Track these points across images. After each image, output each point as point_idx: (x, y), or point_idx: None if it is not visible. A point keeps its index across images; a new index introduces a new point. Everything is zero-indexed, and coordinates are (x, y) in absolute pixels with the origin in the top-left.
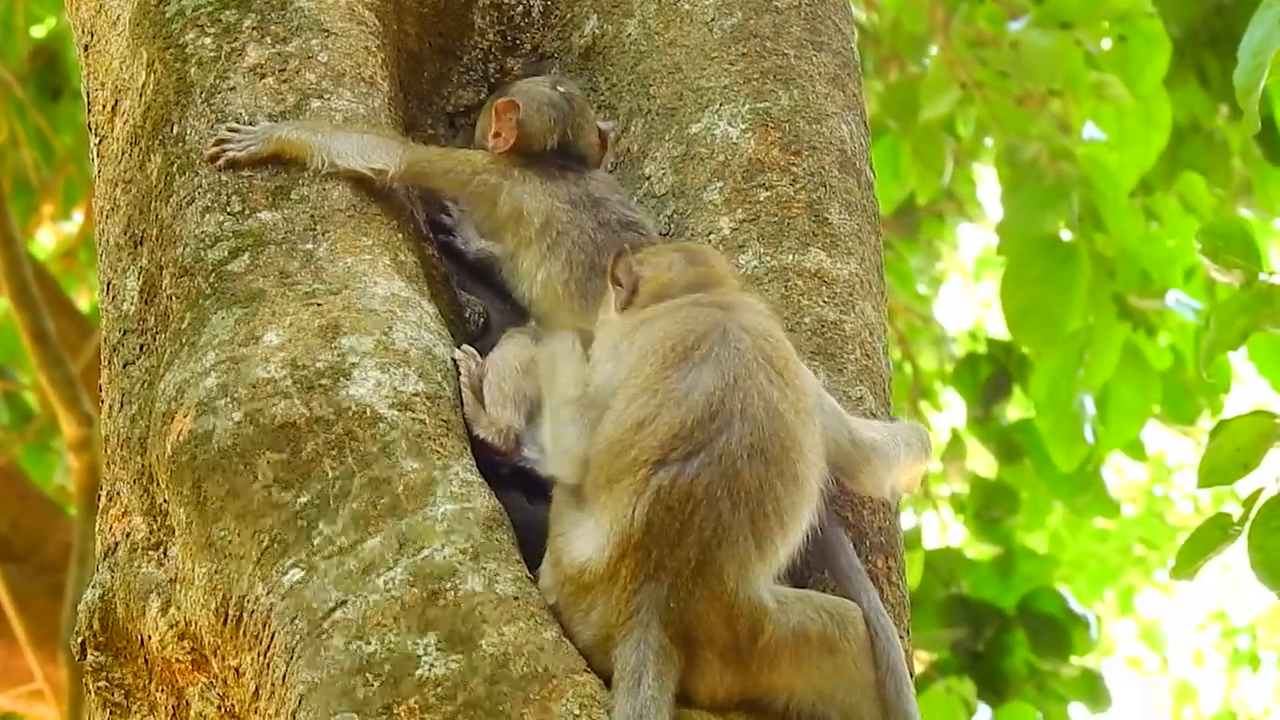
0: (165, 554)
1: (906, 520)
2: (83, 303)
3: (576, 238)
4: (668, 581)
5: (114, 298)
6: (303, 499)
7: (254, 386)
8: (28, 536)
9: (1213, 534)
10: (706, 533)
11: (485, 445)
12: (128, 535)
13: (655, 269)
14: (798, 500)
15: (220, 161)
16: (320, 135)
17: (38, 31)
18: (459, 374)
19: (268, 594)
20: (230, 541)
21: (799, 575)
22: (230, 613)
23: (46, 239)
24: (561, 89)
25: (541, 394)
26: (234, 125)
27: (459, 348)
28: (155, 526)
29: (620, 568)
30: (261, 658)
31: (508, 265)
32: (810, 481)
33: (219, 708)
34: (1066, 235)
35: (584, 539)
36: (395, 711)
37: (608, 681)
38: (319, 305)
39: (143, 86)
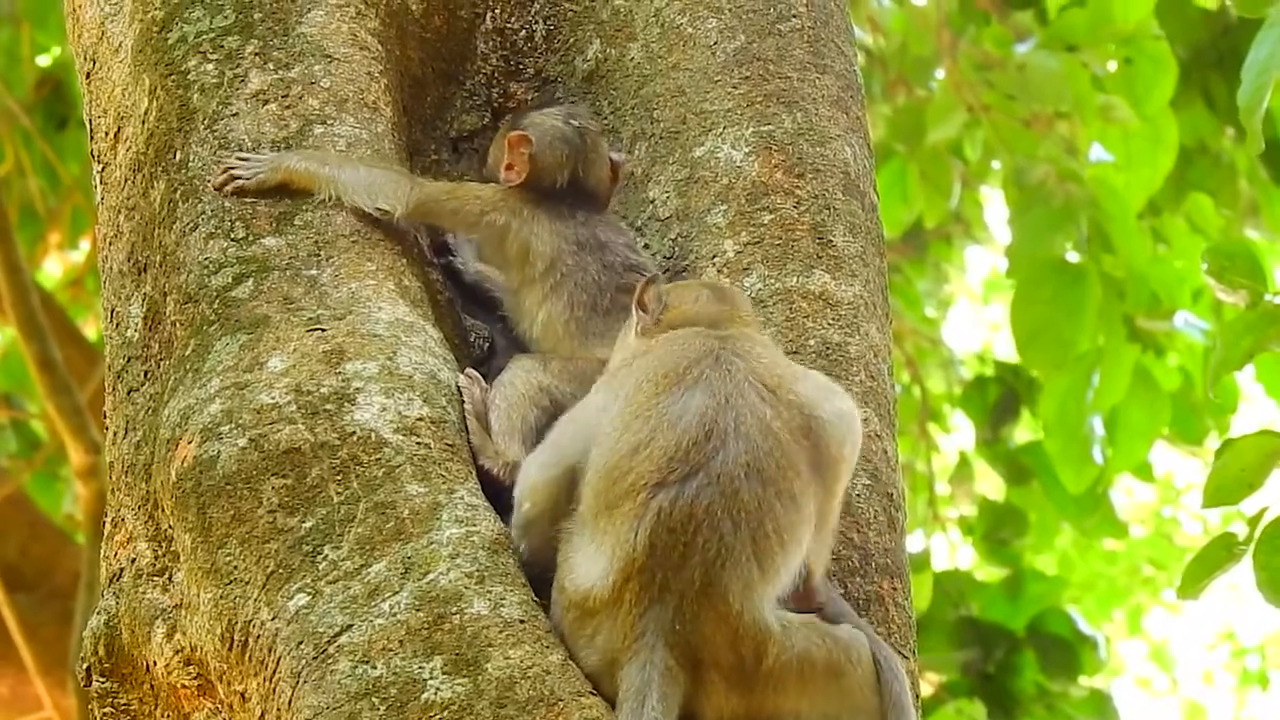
0: (170, 580)
1: (915, 542)
2: (90, 331)
3: (580, 279)
4: (673, 603)
5: (118, 324)
6: (308, 524)
7: (258, 412)
8: (36, 564)
9: (1218, 554)
10: (710, 553)
11: (489, 475)
12: (133, 561)
13: (681, 300)
14: (796, 520)
15: (228, 189)
16: (329, 167)
17: (43, 60)
18: (463, 400)
19: (273, 619)
20: (235, 567)
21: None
22: (236, 638)
23: (53, 268)
24: (575, 122)
25: (546, 423)
26: (243, 154)
27: (463, 372)
28: (160, 552)
29: (624, 592)
30: (267, 683)
31: (510, 300)
32: (807, 502)
33: None
34: (1074, 257)
35: (585, 565)
36: None
37: (615, 706)
38: (323, 331)
39: (145, 113)
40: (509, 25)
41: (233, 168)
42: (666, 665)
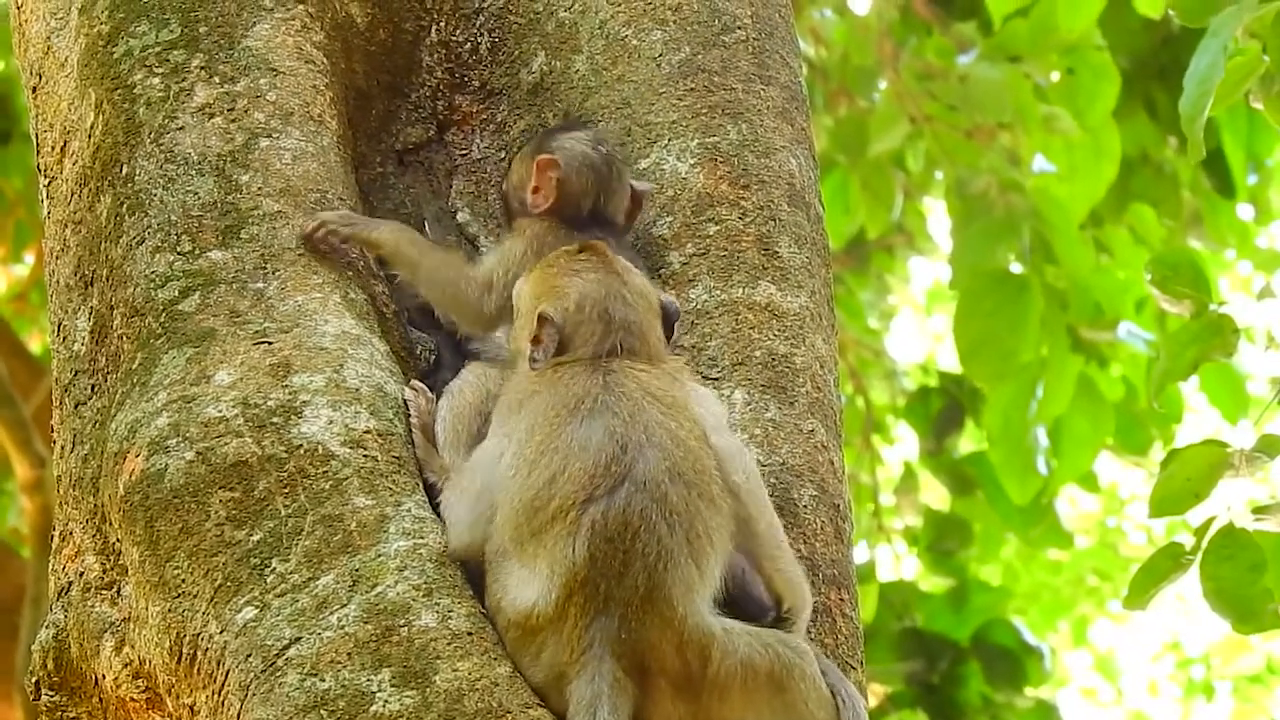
0: (119, 593)
1: (860, 553)
2: (34, 345)
3: None
4: (618, 613)
5: (65, 338)
6: (255, 537)
7: (206, 425)
8: None
9: (1165, 564)
10: (650, 557)
11: (435, 489)
12: (81, 575)
13: (575, 335)
14: (720, 522)
15: (320, 233)
16: (417, 250)
17: None
18: (409, 413)
19: (221, 632)
20: (183, 580)
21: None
22: (184, 651)
23: None
24: (603, 149)
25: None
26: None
27: (409, 384)
28: (108, 566)
29: (568, 607)
30: (216, 696)
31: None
32: (724, 505)
33: None
34: (1017, 268)
35: (521, 587)
36: None
37: None
38: (270, 344)
39: (91, 127)
40: (454, 38)
41: (327, 220)
42: (615, 676)
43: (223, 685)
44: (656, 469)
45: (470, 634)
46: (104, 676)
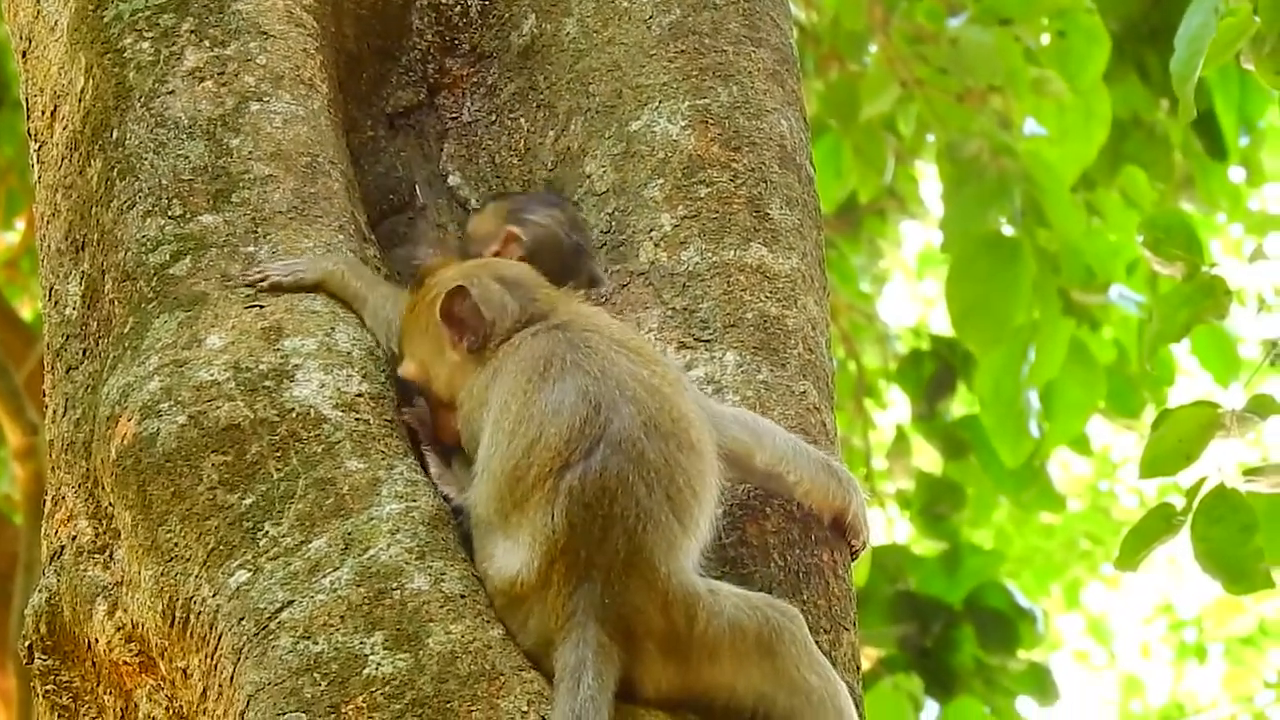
0: (111, 557)
1: None
2: (26, 312)
3: None
4: (600, 578)
5: (56, 303)
6: (248, 500)
7: (197, 389)
8: None
9: (1156, 525)
10: (630, 519)
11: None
12: (73, 539)
13: (492, 310)
14: (703, 468)
15: (262, 285)
16: (363, 284)
17: None
18: (417, 435)
19: (214, 595)
20: (176, 544)
21: None
22: (177, 614)
23: None
24: (574, 236)
25: None
26: (283, 258)
27: (403, 410)
28: (101, 530)
29: (551, 574)
30: (209, 659)
31: None
32: (707, 447)
33: (167, 709)
34: (1009, 231)
35: (505, 556)
36: (343, 711)
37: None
38: (261, 307)
39: (82, 91)
40: (444, 1)
41: (269, 271)
42: (600, 642)
43: (215, 648)
44: (632, 425)
45: (463, 597)
46: (97, 640)
